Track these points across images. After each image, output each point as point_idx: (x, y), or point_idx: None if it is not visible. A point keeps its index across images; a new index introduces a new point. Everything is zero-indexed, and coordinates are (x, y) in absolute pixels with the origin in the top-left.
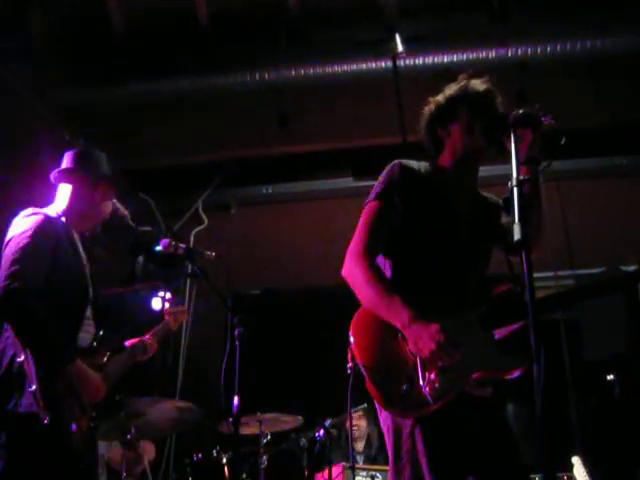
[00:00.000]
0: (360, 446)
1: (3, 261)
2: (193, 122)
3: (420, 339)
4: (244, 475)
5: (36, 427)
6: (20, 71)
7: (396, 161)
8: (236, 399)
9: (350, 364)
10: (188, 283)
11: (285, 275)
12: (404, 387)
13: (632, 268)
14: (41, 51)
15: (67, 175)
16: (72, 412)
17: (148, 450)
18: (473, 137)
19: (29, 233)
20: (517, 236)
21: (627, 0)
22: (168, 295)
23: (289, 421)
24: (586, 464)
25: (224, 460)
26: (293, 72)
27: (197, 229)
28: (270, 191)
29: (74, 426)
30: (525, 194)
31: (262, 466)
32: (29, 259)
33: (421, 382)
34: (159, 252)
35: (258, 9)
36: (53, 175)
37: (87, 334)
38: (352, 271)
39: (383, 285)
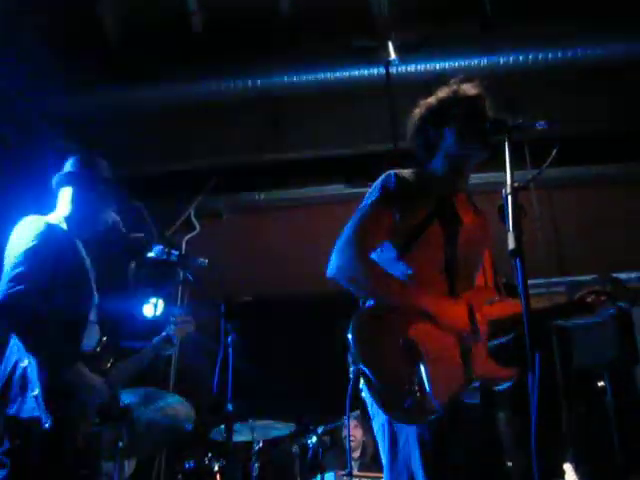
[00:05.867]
0: (355, 455)
1: (5, 267)
2: (186, 129)
3: (454, 314)
4: None
5: (38, 431)
6: (16, 76)
7: (391, 171)
8: (229, 406)
9: (351, 368)
10: (180, 290)
11: (277, 281)
12: (411, 394)
13: (623, 275)
14: (37, 56)
15: (69, 178)
16: (73, 416)
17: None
18: (466, 141)
19: (31, 238)
20: (511, 245)
21: (611, 8)
22: (160, 302)
23: (281, 428)
24: (577, 471)
25: (216, 468)
26: (285, 79)
27: (189, 235)
28: (262, 198)
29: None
30: None
31: (254, 473)
32: (31, 263)
33: (427, 388)
34: (151, 259)
35: (252, 16)
36: (55, 179)
37: (92, 339)
38: (346, 265)
39: (389, 276)
